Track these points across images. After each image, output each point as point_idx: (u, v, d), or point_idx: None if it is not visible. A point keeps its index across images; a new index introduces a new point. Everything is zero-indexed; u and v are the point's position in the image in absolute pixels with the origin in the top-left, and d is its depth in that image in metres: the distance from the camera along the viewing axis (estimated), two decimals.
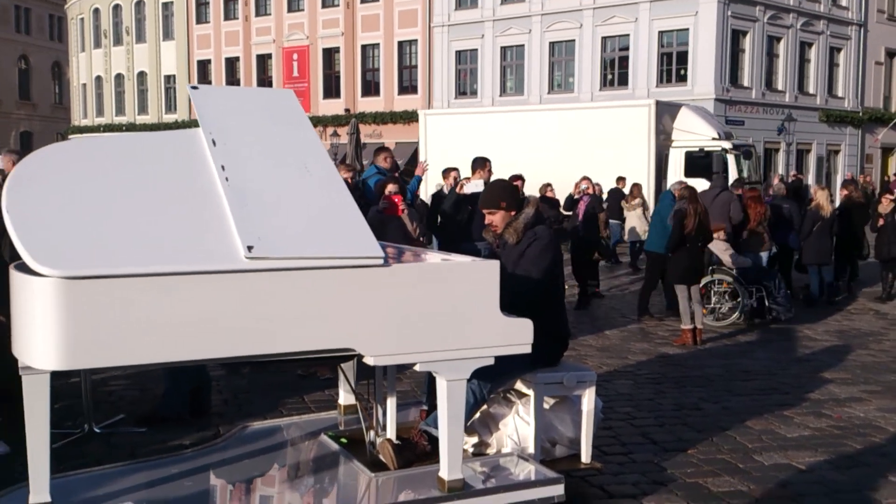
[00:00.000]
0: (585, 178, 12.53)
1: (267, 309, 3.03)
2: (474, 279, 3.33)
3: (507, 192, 4.35)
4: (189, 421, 5.28)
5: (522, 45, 31.39)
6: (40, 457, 3.05)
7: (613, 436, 5.23)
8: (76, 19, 45.38)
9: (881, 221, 11.28)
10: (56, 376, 3.08)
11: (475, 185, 8.38)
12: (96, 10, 43.54)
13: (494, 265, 3.39)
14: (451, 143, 21.08)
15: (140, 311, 2.84)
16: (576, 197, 12.11)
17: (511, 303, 3.49)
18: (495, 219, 4.26)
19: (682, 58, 28.22)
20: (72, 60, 47.10)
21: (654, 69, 28.62)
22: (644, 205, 15.66)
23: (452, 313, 3.29)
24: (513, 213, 4.22)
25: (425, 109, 25.45)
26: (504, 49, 31.98)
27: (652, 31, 28.58)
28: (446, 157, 14.07)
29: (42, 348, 2.81)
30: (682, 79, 28.23)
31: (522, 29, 31.11)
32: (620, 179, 16.42)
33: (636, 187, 15.94)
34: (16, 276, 2.96)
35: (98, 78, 43.93)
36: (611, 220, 15.06)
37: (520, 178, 10.89)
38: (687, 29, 27.82)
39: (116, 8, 42.73)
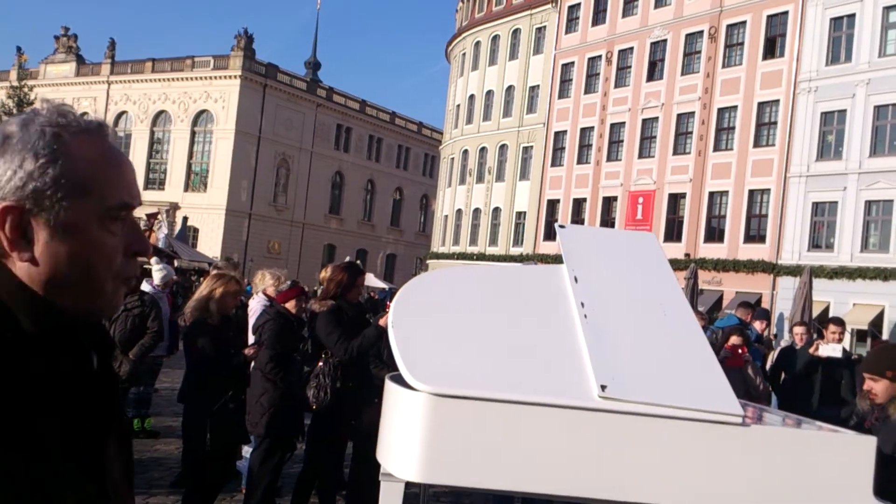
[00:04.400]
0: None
1: (612, 453, 2.97)
2: (847, 454, 2.97)
3: None
4: None
5: (892, 201, 28.67)
6: None
7: None
8: (447, 159, 50.89)
9: None
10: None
11: (832, 350, 7.72)
12: (465, 151, 48.50)
13: (871, 442, 3.00)
14: None
15: (492, 436, 2.94)
16: None
17: (887, 489, 3.04)
18: (877, 387, 3.77)
19: None
20: (438, 194, 52.62)
21: None
22: None
23: (816, 491, 2.94)
24: None
25: None
26: (869, 203, 29.46)
27: None
28: None
29: (403, 459, 3.01)
30: None
31: (892, 183, 28.49)
32: None
33: None
34: (390, 387, 3.25)
35: (458, 211, 48.42)
36: None
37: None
38: None
39: (483, 150, 47.22)
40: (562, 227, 4.04)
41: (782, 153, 32.02)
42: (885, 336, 26.81)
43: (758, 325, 8.99)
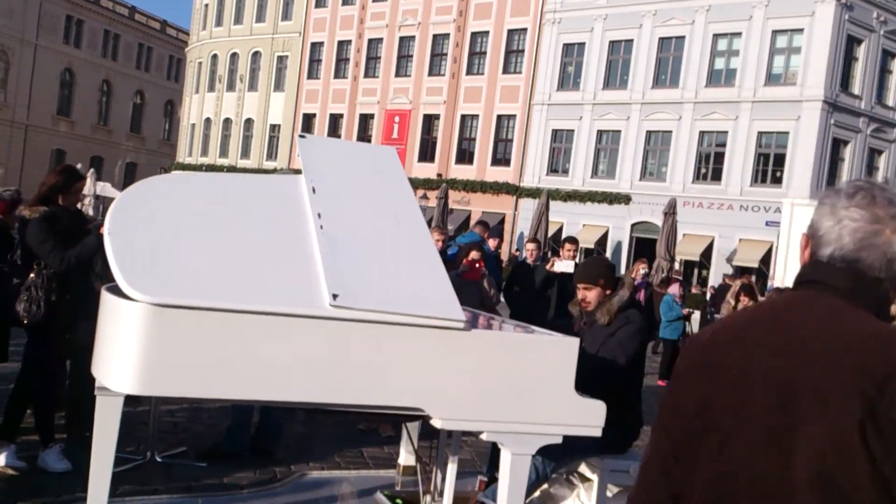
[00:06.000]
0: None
1: (343, 359, 3.01)
2: (554, 354, 3.25)
3: (608, 270, 4.30)
4: (248, 461, 5.28)
5: (619, 131, 31.48)
6: (102, 477, 3.07)
7: None
8: (194, 62, 47.89)
9: None
10: (126, 401, 3.11)
11: (566, 266, 8.46)
12: (214, 56, 45.90)
13: (575, 343, 3.31)
14: None
15: (219, 346, 2.86)
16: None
17: (588, 384, 3.39)
18: (590, 295, 4.18)
19: (780, 160, 27.85)
20: (185, 100, 49.55)
21: (750, 168, 28.30)
22: None
23: (526, 386, 3.21)
24: (608, 291, 4.14)
25: (792, 199, 18.93)
26: (601, 133, 32.14)
27: (751, 131, 28.32)
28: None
29: (121, 371, 2.85)
30: (776, 180, 27.82)
31: (621, 115, 31.24)
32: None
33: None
34: (106, 298, 3.03)
35: (207, 120, 46.02)
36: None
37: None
38: (787, 132, 27.49)
39: (234, 56, 44.95)
40: (302, 136, 3.95)
41: (528, 81, 33.77)
42: (607, 254, 29.84)
43: (492, 243, 9.67)
